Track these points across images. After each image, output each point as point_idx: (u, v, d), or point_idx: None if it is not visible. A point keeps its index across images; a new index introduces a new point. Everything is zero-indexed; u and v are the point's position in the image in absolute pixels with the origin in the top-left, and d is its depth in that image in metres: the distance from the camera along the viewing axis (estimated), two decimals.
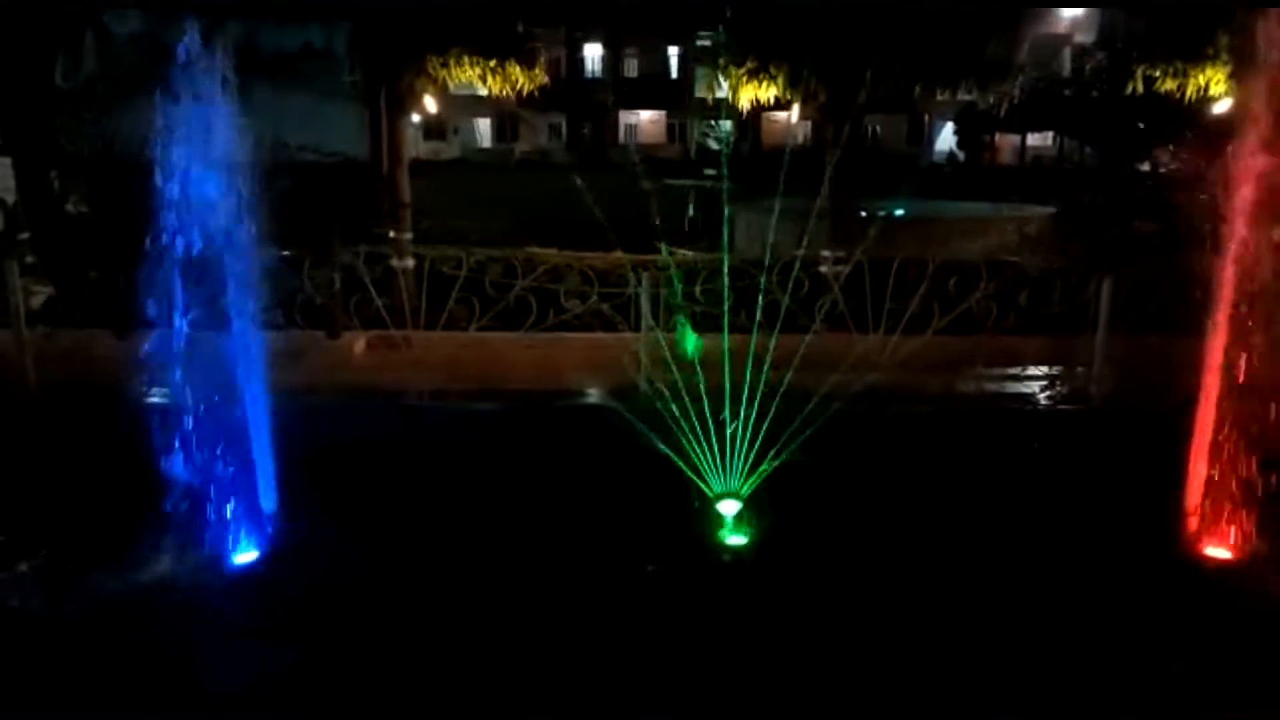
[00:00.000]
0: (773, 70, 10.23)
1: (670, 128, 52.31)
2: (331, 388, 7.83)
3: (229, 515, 5.03)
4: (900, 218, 17.39)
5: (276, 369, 5.43)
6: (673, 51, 48.02)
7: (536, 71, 10.30)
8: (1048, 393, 8.24)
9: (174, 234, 4.64)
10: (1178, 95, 10.02)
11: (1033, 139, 41.26)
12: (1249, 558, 5.28)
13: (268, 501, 5.36)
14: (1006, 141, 41.28)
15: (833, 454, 5.61)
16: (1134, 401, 7.29)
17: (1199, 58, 9.81)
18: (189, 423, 4.81)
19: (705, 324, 6.69)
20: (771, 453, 5.58)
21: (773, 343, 5.81)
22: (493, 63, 9.91)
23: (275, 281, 5.40)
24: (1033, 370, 8.63)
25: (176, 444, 4.81)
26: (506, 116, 48.92)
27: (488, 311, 8.97)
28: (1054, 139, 39.86)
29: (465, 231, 14.40)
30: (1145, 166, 14.72)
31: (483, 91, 10.84)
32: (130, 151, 8.79)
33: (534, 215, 19.03)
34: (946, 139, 36.63)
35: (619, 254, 9.91)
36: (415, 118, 12.55)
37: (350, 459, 5.87)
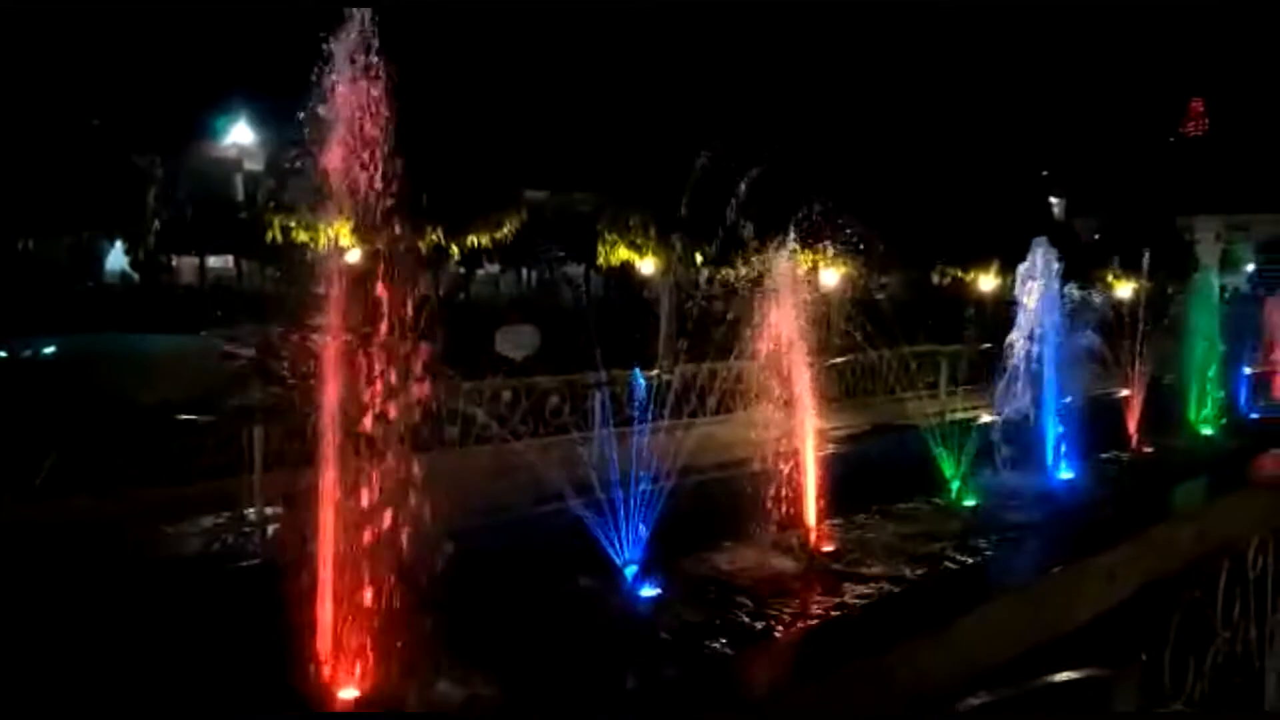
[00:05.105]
0: None
1: None
2: None
3: None
4: (52, 356, 15.59)
5: None
6: None
7: None
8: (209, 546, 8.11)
9: None
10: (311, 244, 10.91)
11: (213, 260, 41.26)
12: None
13: None
14: (188, 262, 40.50)
15: None
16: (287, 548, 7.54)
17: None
18: None
19: None
20: None
21: None
22: None
23: None
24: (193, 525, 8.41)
25: None
26: None
27: None
28: (234, 261, 40.44)
29: None
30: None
31: None
32: None
33: None
34: (118, 258, 34.15)
35: None
36: None
37: None
